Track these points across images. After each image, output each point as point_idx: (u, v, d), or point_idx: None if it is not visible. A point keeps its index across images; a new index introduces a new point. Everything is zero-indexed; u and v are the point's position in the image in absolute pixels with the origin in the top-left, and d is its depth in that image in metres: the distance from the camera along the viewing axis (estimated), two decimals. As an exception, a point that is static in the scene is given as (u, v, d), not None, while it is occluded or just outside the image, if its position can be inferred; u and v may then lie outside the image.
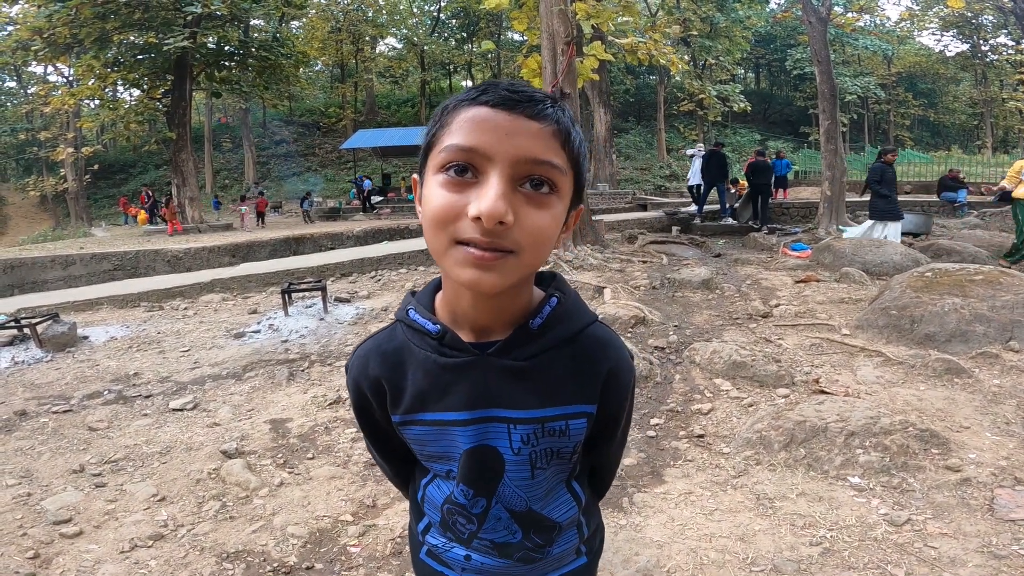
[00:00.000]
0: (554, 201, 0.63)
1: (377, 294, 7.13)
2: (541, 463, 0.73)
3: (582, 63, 7.91)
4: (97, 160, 25.88)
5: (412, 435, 0.75)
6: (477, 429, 0.71)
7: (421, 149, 0.67)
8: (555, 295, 0.73)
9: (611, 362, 0.74)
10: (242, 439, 3.32)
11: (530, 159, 0.61)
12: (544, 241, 0.63)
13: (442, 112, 0.65)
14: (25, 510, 2.67)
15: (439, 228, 0.62)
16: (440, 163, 0.62)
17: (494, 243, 0.59)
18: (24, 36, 14.60)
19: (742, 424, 3.11)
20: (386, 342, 0.77)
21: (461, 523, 0.77)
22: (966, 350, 4.06)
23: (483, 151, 0.60)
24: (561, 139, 0.63)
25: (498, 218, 0.58)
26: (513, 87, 0.63)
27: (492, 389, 0.70)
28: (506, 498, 0.74)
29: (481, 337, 0.71)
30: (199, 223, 16.08)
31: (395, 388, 0.74)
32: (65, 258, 10.30)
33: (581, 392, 0.73)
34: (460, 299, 0.70)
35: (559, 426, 0.72)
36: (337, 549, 2.33)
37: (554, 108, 0.64)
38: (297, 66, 19.23)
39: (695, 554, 2.09)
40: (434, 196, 0.62)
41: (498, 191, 0.59)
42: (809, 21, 10.46)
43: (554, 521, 0.78)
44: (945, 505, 2.29)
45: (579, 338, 0.73)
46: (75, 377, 4.64)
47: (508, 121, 0.61)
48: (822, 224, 10.36)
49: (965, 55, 34.04)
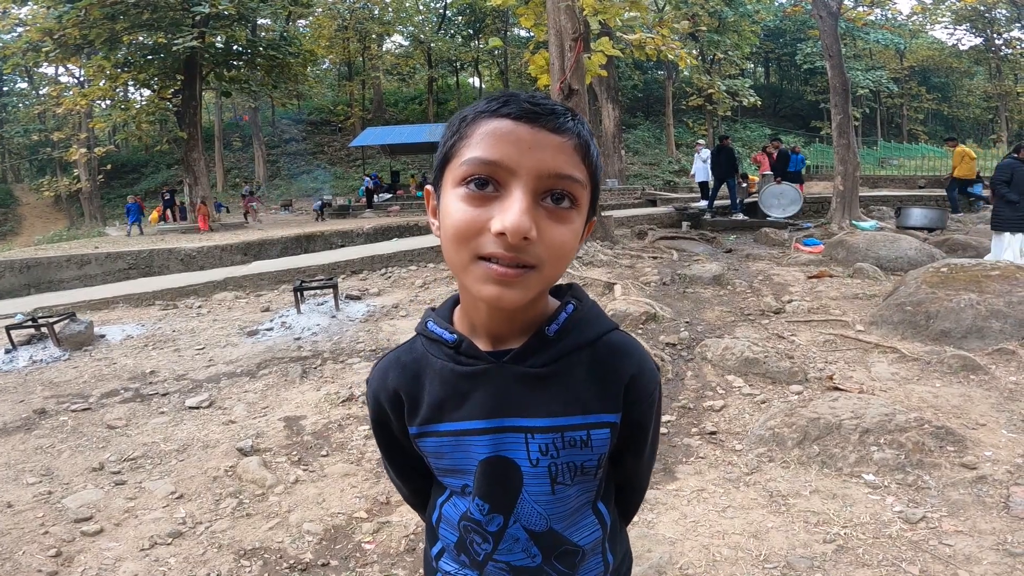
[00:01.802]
0: (574, 215, 0.63)
1: (388, 291, 7.17)
2: (563, 478, 0.71)
3: (590, 59, 7.88)
4: (110, 160, 26.12)
5: (428, 447, 0.74)
6: (493, 439, 0.70)
7: (436, 160, 0.67)
8: (571, 302, 0.73)
9: (633, 369, 0.72)
10: (257, 436, 3.36)
11: (553, 173, 0.60)
12: (565, 256, 0.63)
13: (460, 123, 0.64)
14: (46, 508, 2.72)
15: (460, 243, 0.61)
16: (460, 176, 0.61)
17: (517, 259, 0.59)
18: (34, 37, 14.74)
19: (755, 421, 3.11)
20: (406, 354, 0.77)
21: (477, 542, 0.74)
22: (982, 346, 4.03)
23: (506, 165, 0.59)
24: (582, 153, 0.63)
25: (523, 234, 0.57)
26: (534, 99, 0.62)
27: (509, 397, 0.69)
28: (525, 516, 0.71)
29: (498, 345, 0.71)
30: (211, 221, 16.21)
31: (413, 399, 0.74)
32: (80, 257, 10.43)
33: (602, 400, 0.71)
34: (478, 311, 0.70)
35: (580, 436, 0.70)
36: (352, 546, 2.35)
37: (574, 121, 0.63)
38: (305, 65, 19.29)
39: (708, 551, 2.10)
40: (454, 210, 0.61)
41: (522, 206, 0.58)
42: (820, 15, 10.34)
43: (577, 545, 0.74)
44: (960, 503, 2.28)
45: (597, 345, 0.72)
46: (93, 376, 4.71)
47: (530, 134, 0.60)
48: (835, 219, 10.26)
49: (979, 49, 33.53)
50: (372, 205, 18.64)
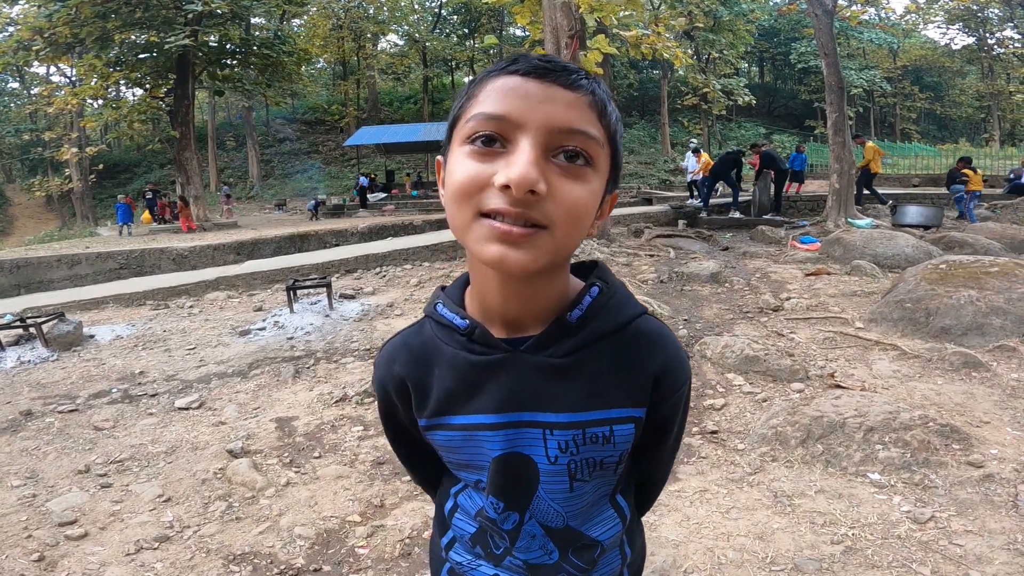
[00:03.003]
0: (590, 175, 0.58)
1: (382, 290, 7.10)
2: (582, 475, 0.66)
3: (586, 57, 7.82)
4: (101, 160, 25.94)
5: (439, 441, 0.69)
6: (508, 434, 0.64)
7: (447, 127, 0.62)
8: (596, 284, 0.66)
9: (662, 360, 0.66)
10: (248, 438, 3.28)
11: (564, 128, 0.55)
12: (580, 217, 0.57)
13: (470, 86, 0.61)
14: (30, 511, 2.64)
15: (462, 200, 0.56)
16: (466, 134, 0.57)
17: (524, 214, 0.54)
18: (25, 36, 14.60)
19: (757, 420, 3.06)
20: (413, 337, 0.71)
21: (494, 539, 0.71)
22: (983, 343, 4.00)
23: (513, 119, 0.55)
24: (597, 110, 0.58)
25: (529, 186, 0.52)
26: (546, 57, 0.58)
27: (526, 390, 0.64)
28: (541, 513, 0.67)
29: (514, 332, 0.65)
30: (204, 221, 16.08)
31: (421, 389, 0.69)
32: (71, 257, 10.30)
33: (628, 394, 0.65)
34: (489, 288, 0.63)
35: (602, 432, 0.64)
36: (345, 551, 2.28)
37: (589, 80, 0.59)
38: (299, 64, 19.16)
39: (712, 553, 2.04)
40: (458, 167, 0.57)
41: (529, 157, 0.53)
42: (815, 14, 10.33)
43: (595, 540, 0.70)
44: (968, 502, 2.23)
45: (625, 333, 0.65)
46: (81, 376, 4.62)
47: (540, 89, 0.56)
48: (831, 217, 10.26)
49: (971, 48, 33.71)
50: (366, 204, 18.56)
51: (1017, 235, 8.14)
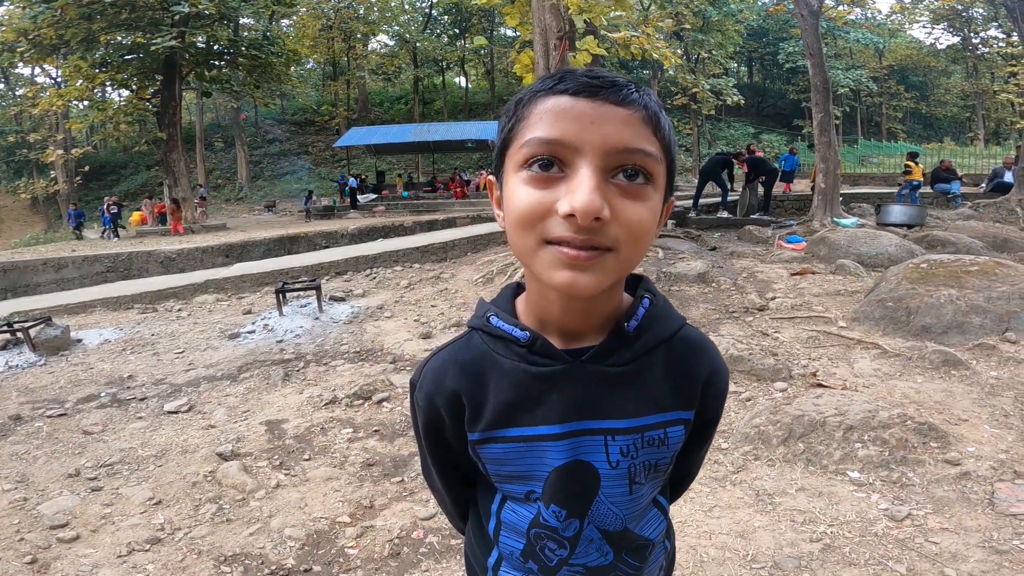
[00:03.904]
0: (650, 192, 0.58)
1: (372, 292, 7.10)
2: (639, 477, 0.68)
3: (575, 58, 7.87)
4: (88, 161, 25.73)
5: (491, 454, 0.69)
6: (571, 443, 0.66)
7: (496, 148, 0.63)
8: (646, 296, 0.69)
9: (710, 366, 0.71)
10: (238, 441, 3.29)
11: (621, 148, 0.56)
12: (644, 235, 0.58)
13: (516, 105, 0.61)
14: (22, 515, 2.65)
15: (526, 229, 0.57)
16: (522, 159, 0.58)
17: (590, 240, 0.54)
18: (9, 38, 14.46)
19: (740, 419, 3.11)
20: (462, 352, 0.71)
21: (551, 548, 0.70)
22: (963, 341, 4.07)
23: (569, 142, 0.55)
24: (652, 125, 0.58)
25: (594, 213, 0.53)
26: (592, 73, 0.58)
27: (588, 399, 0.65)
28: (599, 517, 0.69)
29: (571, 343, 0.66)
30: (192, 223, 15.99)
31: (475, 402, 0.68)
32: (57, 261, 10.21)
33: (679, 398, 0.69)
34: (549, 303, 0.64)
35: (658, 435, 0.67)
36: (335, 551, 2.31)
37: (639, 93, 0.59)
38: (288, 64, 19.08)
39: (695, 551, 2.09)
40: (518, 194, 0.57)
41: (591, 184, 0.54)
42: (801, 14, 10.45)
43: (648, 539, 0.73)
44: (945, 499, 2.29)
45: (673, 341, 0.69)
46: (69, 381, 4.60)
47: (592, 108, 0.56)
48: (816, 216, 10.37)
49: (956, 48, 34.16)
50: (357, 206, 18.52)
51: (999, 234, 8.27)
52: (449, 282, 7.11)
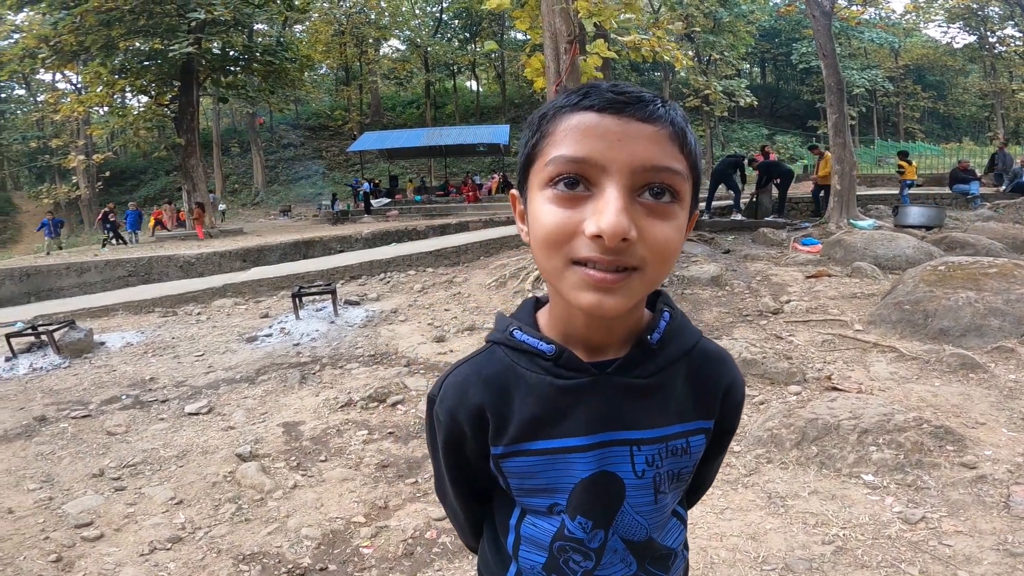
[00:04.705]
0: (677, 210, 0.58)
1: (386, 296, 7.17)
2: (664, 487, 0.69)
3: (585, 61, 7.88)
4: (108, 167, 26.15)
5: (515, 467, 0.69)
6: (597, 455, 0.66)
7: (519, 163, 0.63)
8: (666, 310, 0.70)
9: (729, 377, 0.73)
10: (256, 442, 3.36)
11: (648, 166, 0.55)
12: (670, 255, 0.57)
13: (540, 120, 0.60)
14: (47, 514, 2.73)
15: (552, 249, 0.56)
16: (547, 177, 0.57)
17: (617, 261, 0.54)
18: (31, 44, 14.74)
19: (753, 422, 3.11)
20: (485, 367, 0.70)
21: (575, 560, 0.70)
22: (981, 344, 4.03)
23: (595, 161, 0.55)
24: (679, 142, 0.58)
25: (621, 235, 0.52)
26: (617, 88, 0.57)
27: (614, 410, 0.66)
28: (624, 528, 0.69)
29: (595, 356, 0.66)
30: (210, 228, 16.22)
31: (500, 416, 0.68)
32: (80, 265, 10.43)
33: (700, 408, 0.70)
34: (574, 318, 0.65)
35: (681, 444, 0.69)
36: (350, 550, 2.35)
37: (666, 108, 0.58)
38: (302, 70, 19.29)
39: (705, 553, 2.10)
40: (544, 213, 0.57)
41: (618, 205, 0.53)
42: (813, 15, 10.37)
43: (670, 548, 0.74)
44: (960, 502, 2.28)
45: (692, 354, 0.70)
46: (92, 383, 4.71)
47: (618, 125, 0.55)
48: (832, 218, 10.27)
49: (972, 47, 33.62)
50: (371, 210, 18.66)
51: (1019, 235, 8.15)
52: (462, 286, 7.16)
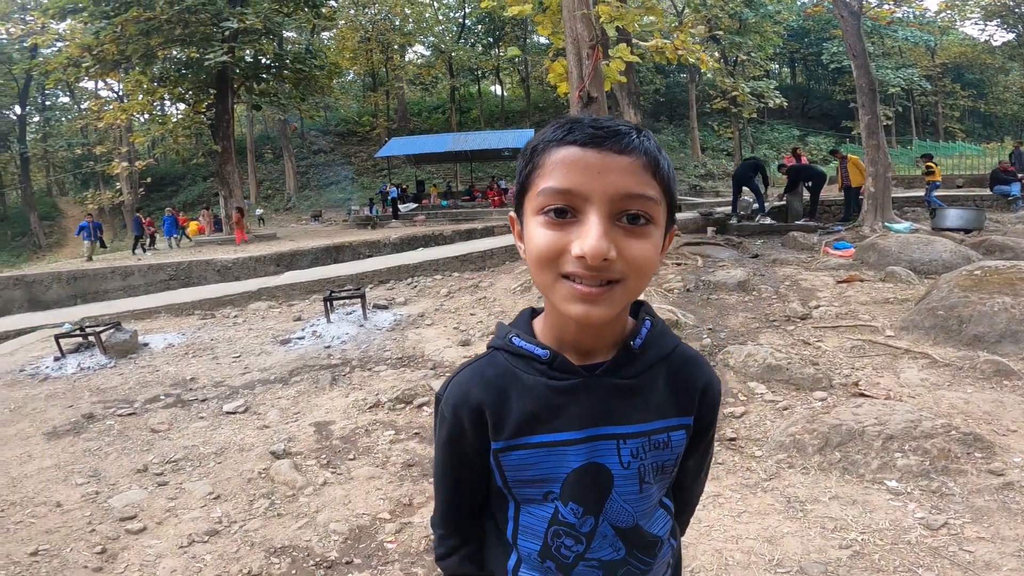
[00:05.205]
0: (651, 230, 0.67)
1: (414, 300, 7.31)
2: (649, 478, 0.77)
3: (608, 66, 7.90)
4: (149, 173, 27.07)
5: (513, 460, 0.76)
6: (588, 447, 0.74)
7: (515, 190, 0.73)
8: (647, 318, 0.79)
9: (705, 378, 0.81)
10: (289, 440, 3.49)
11: (624, 195, 0.64)
12: (648, 268, 0.67)
13: (532, 153, 0.70)
14: (93, 507, 2.89)
15: (544, 265, 0.66)
16: (538, 206, 0.67)
17: (599, 277, 0.64)
18: (74, 53, 15.35)
19: (776, 427, 3.11)
20: (487, 369, 0.79)
21: (567, 544, 0.77)
22: (1017, 351, 3.93)
23: (579, 192, 0.64)
24: (651, 170, 0.67)
25: (602, 256, 0.62)
26: (597, 123, 0.66)
27: (602, 408, 0.74)
28: (613, 515, 0.77)
29: (585, 359, 0.75)
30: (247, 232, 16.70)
31: (498, 414, 0.76)
32: (124, 269, 10.87)
33: (680, 406, 0.78)
34: (566, 325, 0.74)
35: (663, 439, 0.77)
36: (375, 545, 2.45)
37: (640, 139, 0.67)
38: (330, 76, 19.73)
39: (720, 555, 2.13)
40: (537, 236, 0.67)
41: (599, 231, 0.62)
42: (841, 15, 10.17)
43: (656, 536, 0.81)
44: (985, 509, 2.26)
45: (672, 357, 0.79)
46: (137, 382, 4.93)
47: (598, 159, 0.64)
48: (866, 222, 10.04)
49: (1012, 44, 32.40)
50: (398, 215, 18.95)
51: (1063, 238, 7.85)
52: (487, 291, 7.25)
